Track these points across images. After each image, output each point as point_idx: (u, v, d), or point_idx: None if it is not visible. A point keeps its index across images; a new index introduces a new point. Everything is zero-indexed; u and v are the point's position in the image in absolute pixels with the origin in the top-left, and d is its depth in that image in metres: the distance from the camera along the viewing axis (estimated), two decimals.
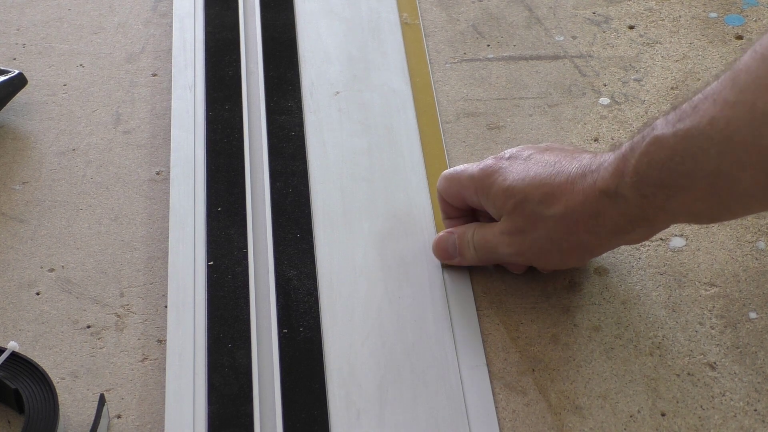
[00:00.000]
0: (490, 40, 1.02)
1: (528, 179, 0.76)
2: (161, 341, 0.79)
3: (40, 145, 0.93)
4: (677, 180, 0.68)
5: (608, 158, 0.73)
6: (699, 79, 0.96)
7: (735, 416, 0.73)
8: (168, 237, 0.84)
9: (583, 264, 0.82)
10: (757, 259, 0.83)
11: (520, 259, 0.79)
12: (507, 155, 0.79)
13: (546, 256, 0.78)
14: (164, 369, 0.76)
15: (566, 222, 0.74)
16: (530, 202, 0.75)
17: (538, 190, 0.75)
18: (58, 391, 0.74)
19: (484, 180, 0.78)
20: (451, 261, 0.82)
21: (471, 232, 0.80)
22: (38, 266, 0.84)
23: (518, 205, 0.76)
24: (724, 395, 0.75)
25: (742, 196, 0.67)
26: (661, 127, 0.68)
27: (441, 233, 0.82)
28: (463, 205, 0.82)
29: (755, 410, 0.74)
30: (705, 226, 0.85)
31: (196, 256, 0.83)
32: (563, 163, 0.76)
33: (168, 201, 0.87)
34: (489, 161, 0.79)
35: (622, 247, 0.83)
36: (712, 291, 0.81)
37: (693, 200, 0.69)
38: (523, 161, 0.77)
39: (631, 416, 0.74)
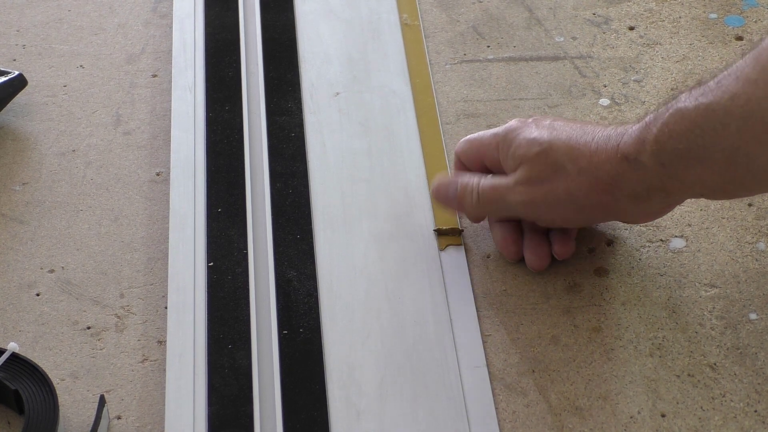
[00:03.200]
0: (490, 41, 1.02)
1: (554, 134, 0.77)
2: (161, 342, 0.79)
3: (40, 146, 0.93)
4: (696, 152, 0.70)
5: (633, 127, 0.74)
6: None
7: (735, 417, 0.73)
8: (168, 238, 0.84)
9: (590, 225, 0.82)
10: (757, 260, 0.83)
11: (527, 210, 0.79)
12: (531, 119, 0.80)
13: (559, 208, 0.78)
14: (164, 370, 0.76)
15: (587, 178, 0.76)
16: (555, 152, 0.77)
17: (564, 143, 0.77)
18: (58, 392, 0.73)
19: (509, 134, 0.80)
20: (447, 205, 0.83)
21: (477, 179, 0.81)
22: (38, 267, 0.84)
23: (542, 153, 0.77)
24: (724, 396, 0.74)
25: (758, 172, 0.69)
26: (684, 99, 0.70)
27: (442, 177, 0.83)
28: (479, 168, 0.83)
29: (755, 411, 0.74)
30: (705, 227, 0.85)
31: (196, 257, 0.83)
32: (589, 128, 0.77)
33: (168, 202, 0.87)
34: (513, 122, 0.81)
35: (622, 247, 0.83)
36: (713, 292, 0.81)
37: (710, 173, 0.70)
38: (548, 124, 0.79)
39: (631, 417, 0.74)
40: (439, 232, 0.85)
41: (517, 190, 0.78)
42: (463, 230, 0.85)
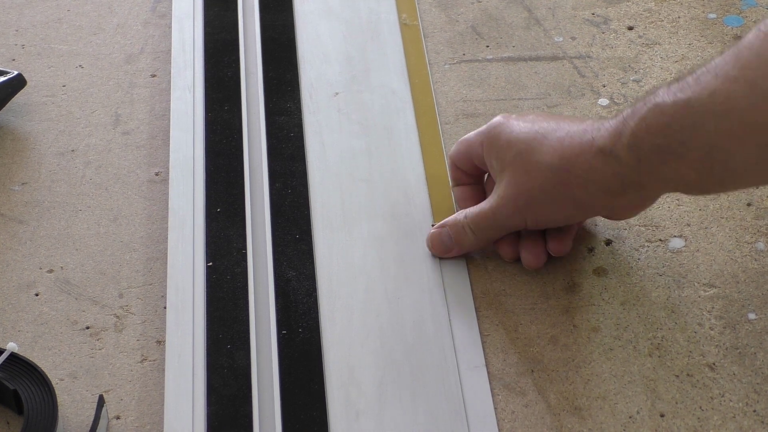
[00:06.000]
0: (489, 41, 1.02)
1: (532, 132, 0.78)
2: (160, 342, 0.79)
3: (39, 146, 0.93)
4: (672, 147, 0.70)
5: (609, 121, 0.75)
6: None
7: (734, 417, 0.73)
8: (167, 238, 0.84)
9: (574, 222, 0.82)
10: (756, 260, 0.83)
11: (516, 219, 0.79)
12: (513, 115, 0.81)
13: (539, 207, 0.78)
14: (163, 370, 0.76)
15: (561, 173, 0.76)
16: (530, 152, 0.77)
17: (539, 141, 0.77)
18: (57, 392, 0.73)
19: (491, 131, 0.81)
20: (449, 254, 0.82)
21: (462, 216, 0.81)
22: (37, 267, 0.84)
23: (519, 154, 0.78)
24: (723, 396, 0.75)
25: (734, 170, 0.68)
26: (663, 94, 0.70)
27: (432, 230, 0.83)
28: (473, 169, 0.84)
29: (754, 411, 0.74)
30: (704, 226, 0.85)
31: (195, 256, 0.83)
32: (566, 123, 0.78)
33: (167, 202, 0.87)
34: (497, 118, 0.81)
35: (622, 247, 0.83)
36: (712, 292, 0.81)
37: (686, 169, 0.70)
38: (529, 119, 0.79)
39: (630, 417, 0.74)
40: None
41: (501, 205, 0.79)
42: None
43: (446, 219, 0.83)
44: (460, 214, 0.82)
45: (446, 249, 0.82)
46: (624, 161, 0.73)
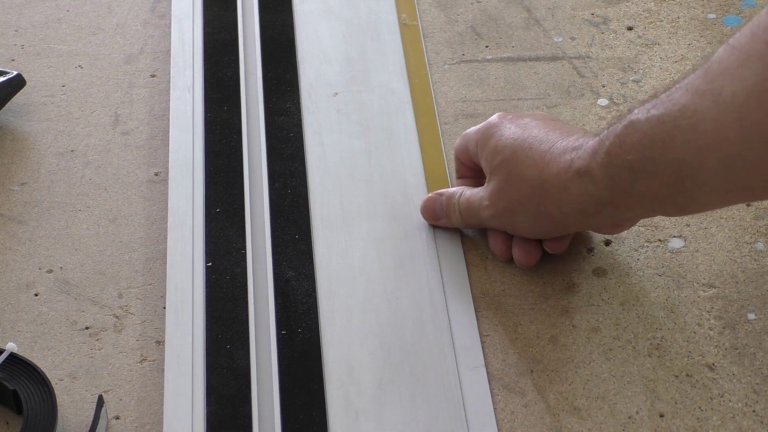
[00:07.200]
0: (488, 41, 1.02)
1: (519, 140, 0.79)
2: (160, 342, 0.79)
3: (38, 146, 0.93)
4: (644, 164, 0.70)
5: (591, 140, 0.75)
6: None
7: (733, 417, 0.73)
8: (166, 238, 0.84)
9: (551, 236, 0.81)
10: (755, 260, 0.83)
11: (496, 222, 0.81)
12: (510, 115, 0.82)
13: (516, 218, 0.79)
14: (163, 370, 0.76)
15: (537, 190, 0.77)
16: (513, 162, 0.78)
17: (524, 152, 0.78)
18: (56, 392, 0.74)
19: (485, 133, 0.81)
20: (437, 222, 0.84)
21: (459, 194, 0.83)
22: (37, 267, 0.84)
23: (503, 162, 0.79)
24: (722, 396, 0.75)
25: (704, 186, 0.68)
26: (637, 112, 0.70)
27: (430, 194, 0.85)
28: (472, 163, 0.84)
29: (754, 411, 0.74)
30: (703, 227, 0.85)
31: (195, 257, 0.83)
32: (555, 135, 0.78)
33: (167, 202, 0.87)
34: (494, 117, 0.82)
35: (621, 247, 0.83)
36: (711, 292, 0.81)
37: (657, 185, 0.70)
38: (522, 124, 0.80)
39: (629, 417, 0.74)
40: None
41: (485, 204, 0.80)
42: None
43: (445, 189, 0.84)
44: (458, 191, 0.83)
45: (436, 217, 0.84)
46: (597, 180, 0.73)
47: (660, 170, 0.69)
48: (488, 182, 0.80)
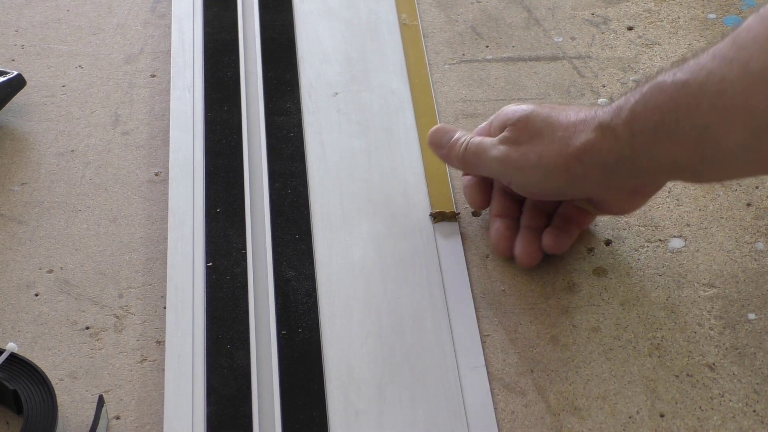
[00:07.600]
0: (488, 41, 1.02)
1: (538, 107, 0.80)
2: (160, 342, 0.79)
3: (38, 146, 0.93)
4: (667, 126, 0.70)
5: (619, 99, 0.75)
6: None
7: (734, 417, 0.73)
8: (167, 238, 0.84)
9: (557, 197, 0.82)
10: (756, 260, 0.83)
11: (501, 168, 0.80)
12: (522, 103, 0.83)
13: (529, 171, 0.79)
14: (163, 370, 0.76)
15: (560, 143, 0.77)
16: (535, 118, 0.79)
17: (546, 114, 0.79)
18: (56, 392, 0.74)
19: (499, 111, 0.82)
20: (438, 151, 0.85)
21: (470, 136, 0.83)
22: (37, 267, 0.84)
23: (524, 117, 0.79)
24: (723, 396, 0.75)
25: (726, 154, 0.69)
26: (664, 74, 0.71)
27: (442, 125, 0.86)
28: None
29: (754, 411, 0.74)
30: (704, 227, 0.85)
31: (195, 257, 0.83)
32: (574, 107, 0.79)
33: (167, 202, 0.87)
34: (504, 107, 0.83)
35: (621, 247, 0.83)
36: (711, 292, 0.81)
37: (679, 149, 0.71)
38: (535, 104, 0.81)
39: (630, 417, 0.74)
40: (435, 217, 0.85)
41: (496, 147, 0.80)
42: (458, 213, 0.85)
43: (459, 130, 0.85)
44: (470, 134, 0.83)
45: (439, 145, 0.85)
46: (619, 136, 0.74)
47: (683, 133, 0.70)
48: (504, 133, 0.80)
